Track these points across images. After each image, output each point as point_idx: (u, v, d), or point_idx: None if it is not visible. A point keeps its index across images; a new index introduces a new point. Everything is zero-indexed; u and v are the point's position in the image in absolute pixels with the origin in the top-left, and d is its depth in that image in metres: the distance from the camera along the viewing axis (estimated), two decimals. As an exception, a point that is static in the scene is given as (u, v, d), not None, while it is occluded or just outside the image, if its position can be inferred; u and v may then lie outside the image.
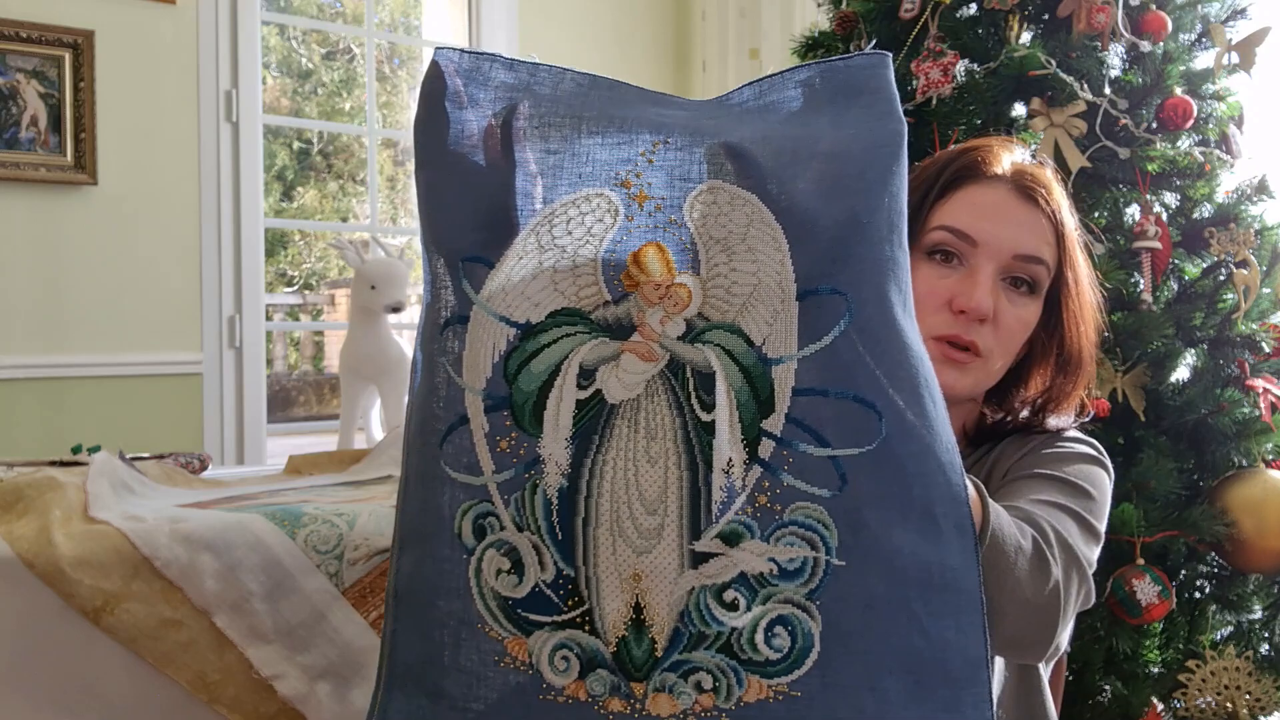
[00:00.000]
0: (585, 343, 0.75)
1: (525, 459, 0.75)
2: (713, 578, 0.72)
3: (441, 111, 0.80)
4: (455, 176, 0.80)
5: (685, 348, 0.74)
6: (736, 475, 0.72)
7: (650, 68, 4.25)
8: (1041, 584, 0.83)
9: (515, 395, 0.76)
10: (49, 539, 1.14)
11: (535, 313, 0.76)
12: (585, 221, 0.77)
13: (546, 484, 0.74)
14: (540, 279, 0.76)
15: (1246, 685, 1.64)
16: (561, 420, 0.74)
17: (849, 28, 1.94)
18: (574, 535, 0.73)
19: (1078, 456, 1.01)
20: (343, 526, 1.27)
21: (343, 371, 2.06)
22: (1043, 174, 1.05)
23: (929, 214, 1.02)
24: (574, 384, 0.75)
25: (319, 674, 1.22)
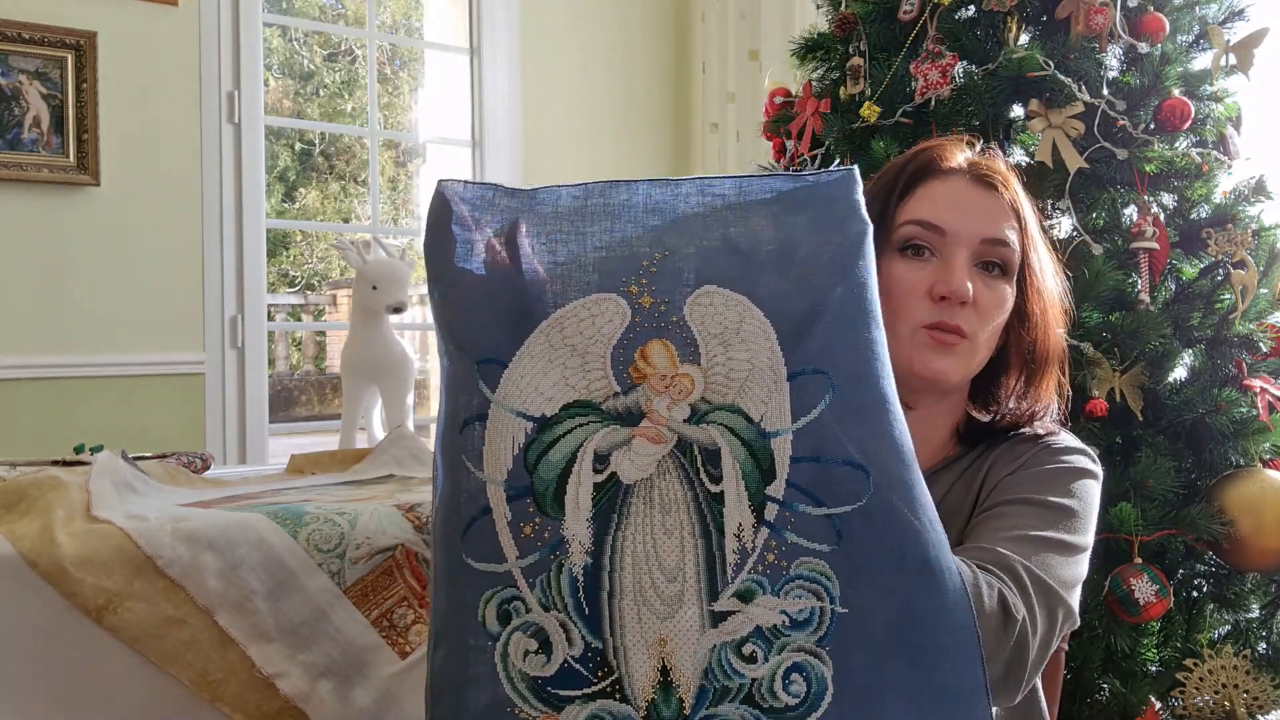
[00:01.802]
0: (598, 431, 0.83)
1: (550, 542, 0.81)
2: (732, 634, 0.79)
3: (449, 233, 0.88)
4: (466, 289, 0.88)
5: (691, 429, 0.83)
6: (746, 538, 0.80)
7: (650, 69, 4.25)
8: (1005, 638, 0.87)
9: (536, 483, 0.82)
10: (51, 538, 1.15)
11: (550, 406, 0.83)
12: (595, 323, 0.84)
13: (572, 563, 0.80)
14: (552, 375, 0.84)
15: (1244, 684, 1.65)
16: (581, 502, 0.81)
17: (848, 29, 1.95)
18: (600, 609, 0.80)
19: (1065, 473, 1.02)
20: (344, 525, 1.28)
21: (344, 371, 2.06)
22: (996, 164, 1.09)
23: (895, 213, 1.06)
24: (590, 469, 0.82)
25: (321, 672, 1.23)
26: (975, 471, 1.07)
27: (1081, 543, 0.98)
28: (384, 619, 1.27)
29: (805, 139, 2.01)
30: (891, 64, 1.86)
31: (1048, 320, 1.07)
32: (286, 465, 1.78)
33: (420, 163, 10.42)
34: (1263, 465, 1.70)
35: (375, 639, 1.25)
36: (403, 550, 1.29)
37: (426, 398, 5.30)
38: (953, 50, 1.80)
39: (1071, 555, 0.97)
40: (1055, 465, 1.03)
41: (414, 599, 1.29)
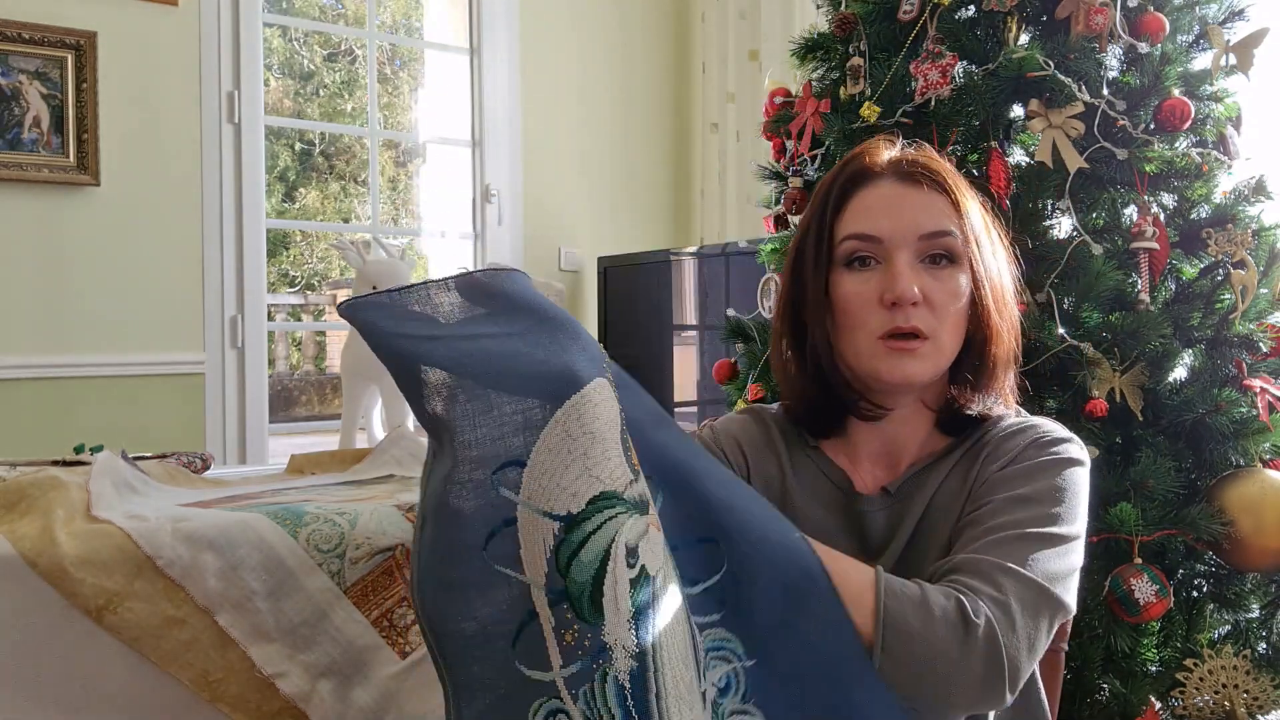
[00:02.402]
0: (625, 522, 0.79)
1: (591, 650, 0.77)
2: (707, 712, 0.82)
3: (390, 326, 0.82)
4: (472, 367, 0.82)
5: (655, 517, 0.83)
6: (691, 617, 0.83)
7: (650, 69, 4.25)
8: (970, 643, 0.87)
9: (570, 587, 0.78)
10: (52, 538, 1.15)
11: (574, 503, 0.78)
12: (608, 406, 0.82)
13: (617, 670, 0.77)
14: (574, 468, 0.79)
15: (1244, 684, 1.65)
16: (621, 605, 0.78)
17: (848, 29, 1.94)
18: (650, 712, 0.77)
19: (1052, 464, 1.02)
20: (344, 526, 1.28)
21: (344, 371, 2.06)
22: (922, 156, 1.09)
23: (833, 230, 1.07)
24: (625, 565, 0.78)
25: (321, 672, 1.23)
26: (968, 467, 1.07)
27: (1071, 532, 0.98)
28: (384, 619, 1.27)
29: (805, 139, 2.01)
30: (891, 64, 1.86)
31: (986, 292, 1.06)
32: (286, 465, 1.78)
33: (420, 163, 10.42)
34: (1263, 465, 1.70)
35: (375, 639, 1.25)
36: (403, 550, 1.29)
37: (426, 398, 5.31)
38: (953, 50, 1.80)
39: (1061, 546, 0.96)
40: (1044, 458, 1.03)
41: (414, 599, 1.29)
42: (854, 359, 1.06)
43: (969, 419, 1.09)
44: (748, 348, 2.14)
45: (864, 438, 1.11)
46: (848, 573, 0.90)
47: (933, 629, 0.87)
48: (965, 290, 1.04)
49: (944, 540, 1.03)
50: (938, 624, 0.87)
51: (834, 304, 1.06)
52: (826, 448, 1.14)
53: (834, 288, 1.06)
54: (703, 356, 3.53)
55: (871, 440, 1.11)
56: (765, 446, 1.15)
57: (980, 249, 1.06)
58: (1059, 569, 0.95)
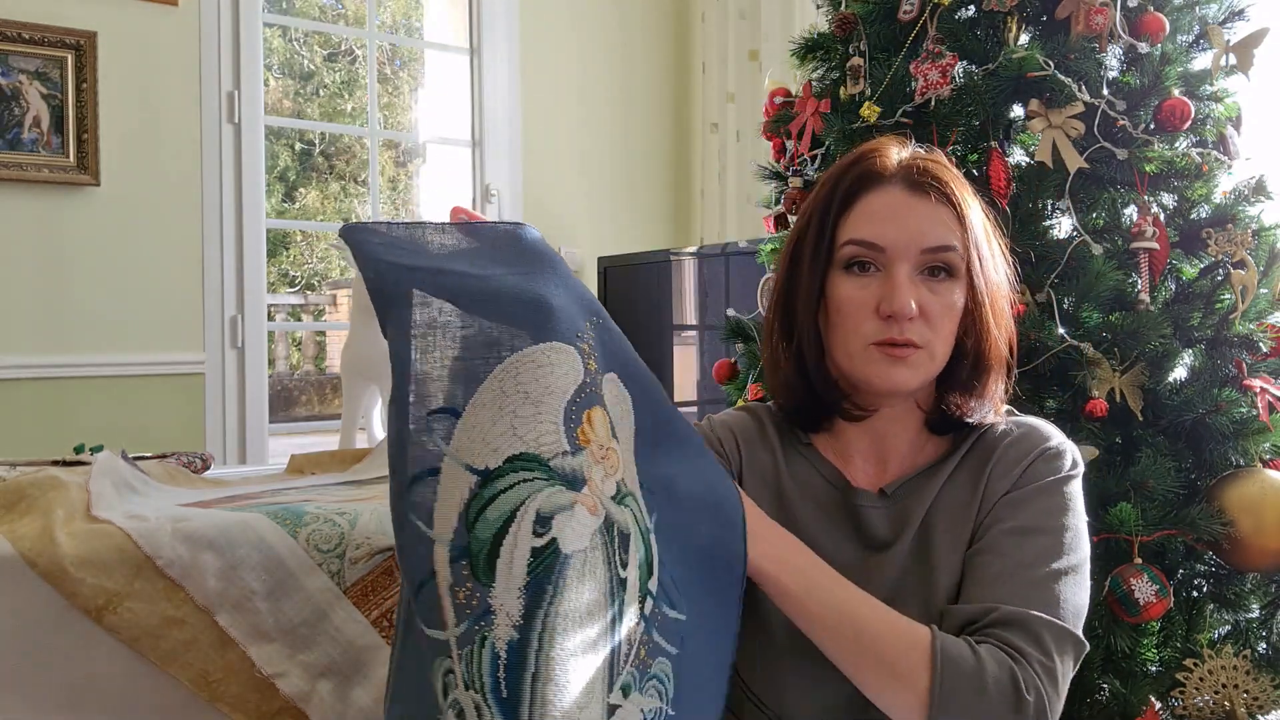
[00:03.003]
0: (543, 490, 0.76)
1: (477, 610, 0.74)
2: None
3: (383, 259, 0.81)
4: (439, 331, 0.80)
5: (616, 508, 0.79)
6: (632, 629, 0.77)
7: (650, 69, 4.25)
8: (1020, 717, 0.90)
9: (472, 544, 0.75)
10: (51, 538, 1.15)
11: (494, 458, 0.76)
12: (554, 372, 0.78)
13: (495, 636, 0.73)
14: (501, 424, 0.77)
15: (1244, 684, 1.64)
16: (515, 569, 0.74)
17: (848, 29, 1.94)
18: (520, 692, 0.72)
19: (1057, 484, 1.05)
20: (344, 525, 1.28)
21: (344, 371, 2.06)
22: (931, 163, 1.08)
23: (835, 231, 1.06)
24: (530, 531, 0.75)
25: (321, 672, 1.23)
26: (974, 475, 1.08)
27: (1083, 557, 1.02)
28: (384, 619, 1.27)
29: (805, 139, 2.00)
30: (891, 64, 1.85)
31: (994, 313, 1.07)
32: (286, 465, 1.78)
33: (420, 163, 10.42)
34: (1263, 465, 1.70)
35: (375, 639, 1.25)
36: (403, 550, 1.29)
37: (426, 398, 5.31)
38: (953, 50, 1.80)
39: (1079, 575, 1.00)
40: (1050, 478, 1.05)
41: (414, 599, 1.29)
42: (844, 361, 1.06)
43: (959, 424, 1.10)
44: (748, 348, 2.14)
45: (853, 435, 1.12)
46: (899, 629, 0.94)
47: (987, 704, 0.89)
48: (961, 303, 1.05)
49: (953, 545, 1.04)
50: (992, 699, 0.90)
51: (829, 304, 1.06)
52: (819, 444, 1.14)
53: (830, 288, 1.06)
54: (703, 356, 3.53)
55: (861, 438, 1.12)
56: (759, 440, 1.15)
57: (981, 262, 1.05)
58: (1082, 601, 0.99)
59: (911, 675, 0.91)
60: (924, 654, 0.92)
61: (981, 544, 1.02)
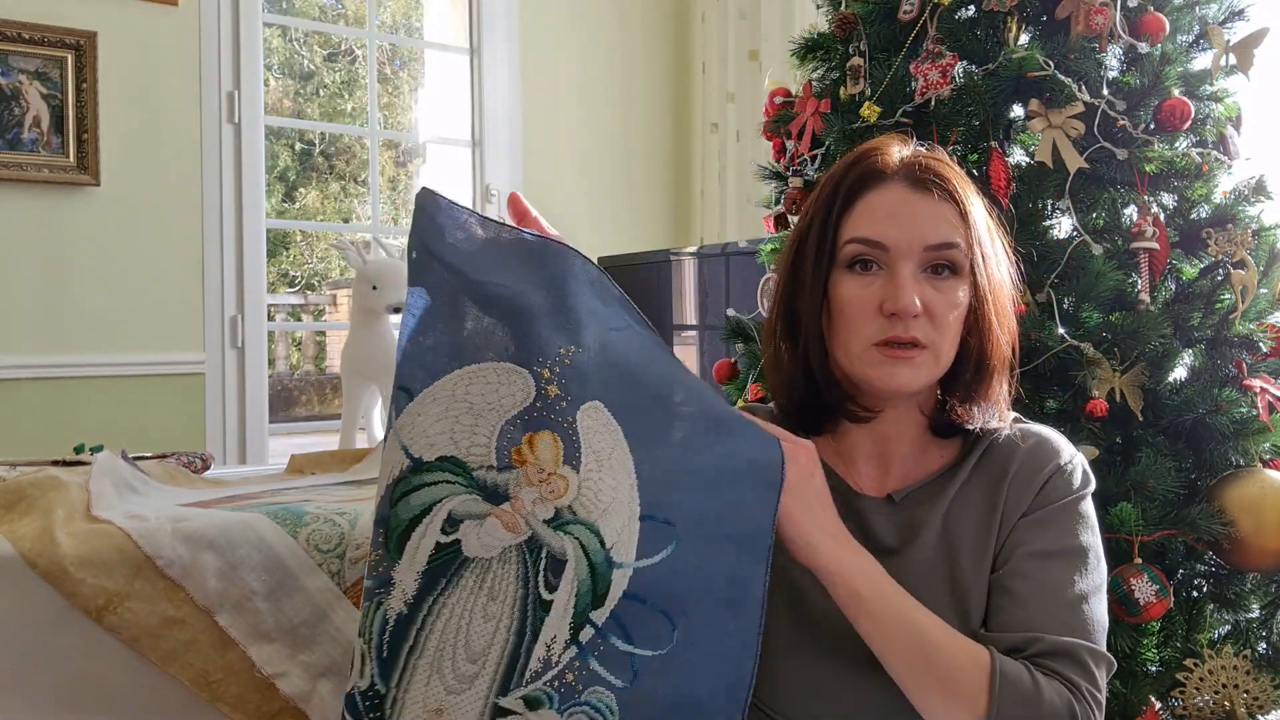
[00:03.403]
0: (459, 495, 0.85)
1: (381, 577, 0.85)
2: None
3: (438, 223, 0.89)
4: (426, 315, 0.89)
5: (549, 532, 0.85)
6: (555, 651, 0.83)
7: (650, 69, 4.25)
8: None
9: (391, 519, 0.85)
10: (52, 538, 1.15)
11: (428, 452, 0.85)
12: (499, 391, 0.86)
13: (389, 605, 0.84)
14: (442, 424, 0.85)
15: (1244, 684, 1.64)
16: (418, 555, 0.84)
17: (848, 29, 1.94)
18: (397, 658, 0.83)
19: (1075, 504, 1.06)
20: (344, 526, 1.28)
21: (344, 371, 2.06)
22: (933, 161, 1.07)
23: (838, 230, 1.05)
24: (439, 527, 0.84)
25: (321, 672, 1.23)
26: (992, 487, 1.07)
27: (1105, 574, 1.04)
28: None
29: (805, 139, 2.00)
30: (891, 64, 1.85)
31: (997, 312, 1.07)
32: (286, 465, 1.78)
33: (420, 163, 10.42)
34: (1263, 465, 1.70)
35: (375, 639, 1.25)
36: (403, 550, 1.29)
37: (426, 398, 5.31)
38: (953, 50, 1.80)
39: (1102, 594, 1.02)
40: (1069, 498, 1.06)
41: (414, 599, 1.29)
42: (847, 362, 1.05)
43: (965, 432, 1.09)
44: (748, 348, 2.14)
45: (856, 438, 1.11)
46: (961, 646, 0.94)
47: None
48: (965, 301, 1.04)
49: (977, 553, 1.04)
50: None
51: (832, 304, 1.05)
52: (820, 447, 1.13)
53: (833, 288, 1.05)
54: (703, 356, 3.53)
55: (863, 440, 1.11)
56: None
57: (985, 260, 1.05)
58: (1106, 619, 1.02)
59: (971, 692, 0.92)
60: (984, 673, 0.92)
61: (1007, 568, 1.03)
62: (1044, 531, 1.03)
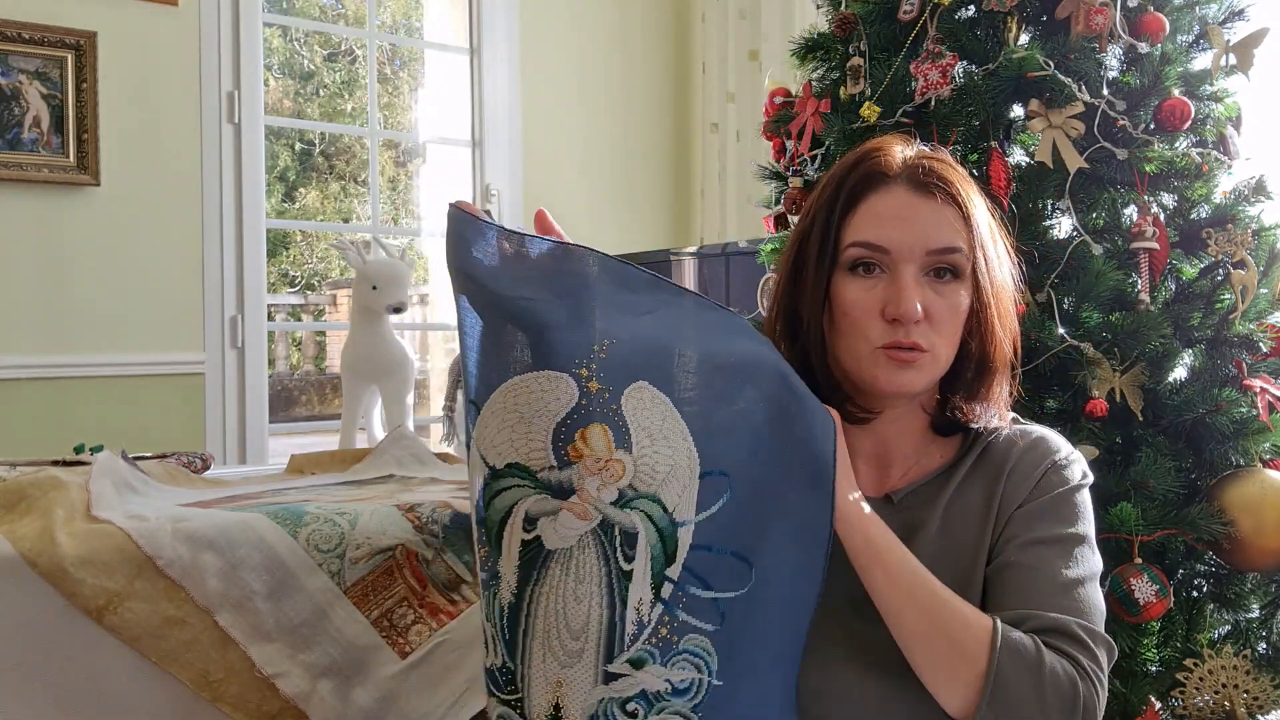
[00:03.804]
0: (530, 496, 0.92)
1: (490, 570, 0.95)
2: (620, 692, 0.90)
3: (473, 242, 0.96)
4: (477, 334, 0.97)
5: (617, 512, 0.91)
6: (644, 612, 0.90)
7: (650, 69, 4.25)
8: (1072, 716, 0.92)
9: (488, 520, 0.95)
10: (52, 538, 1.15)
11: (498, 460, 0.94)
12: (544, 398, 0.92)
13: (500, 595, 0.93)
14: (502, 434, 0.94)
15: (1244, 684, 1.65)
16: (511, 551, 0.93)
17: (848, 29, 1.94)
18: (516, 639, 0.93)
19: (1071, 493, 1.06)
20: (344, 525, 1.28)
21: (344, 371, 2.06)
22: (936, 162, 1.07)
23: (840, 232, 1.05)
24: (521, 526, 0.93)
25: (321, 672, 1.23)
26: (989, 483, 1.07)
27: (1099, 563, 1.04)
28: (384, 619, 1.27)
29: (805, 139, 2.00)
30: (891, 64, 1.85)
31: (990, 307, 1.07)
32: (286, 465, 1.78)
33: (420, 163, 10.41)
34: (1263, 465, 1.70)
35: (375, 639, 1.25)
36: (403, 550, 1.29)
37: (426, 398, 5.31)
38: (953, 50, 1.80)
39: (1097, 580, 1.03)
40: (1064, 488, 1.06)
41: (414, 599, 1.29)
42: (849, 364, 1.05)
43: (968, 430, 1.10)
44: (748, 348, 2.14)
45: (855, 439, 1.10)
46: (966, 608, 0.95)
47: (1041, 697, 0.91)
48: (966, 304, 1.04)
49: (973, 547, 1.04)
50: (1047, 694, 0.91)
51: (834, 306, 1.05)
52: None
53: (835, 290, 1.05)
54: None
55: (864, 441, 1.11)
56: None
57: (987, 263, 1.05)
58: (1103, 605, 1.02)
59: (975, 652, 0.92)
60: (987, 633, 0.93)
61: (1002, 558, 1.03)
62: (1039, 521, 1.04)
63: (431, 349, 4.72)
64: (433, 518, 1.35)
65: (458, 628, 1.29)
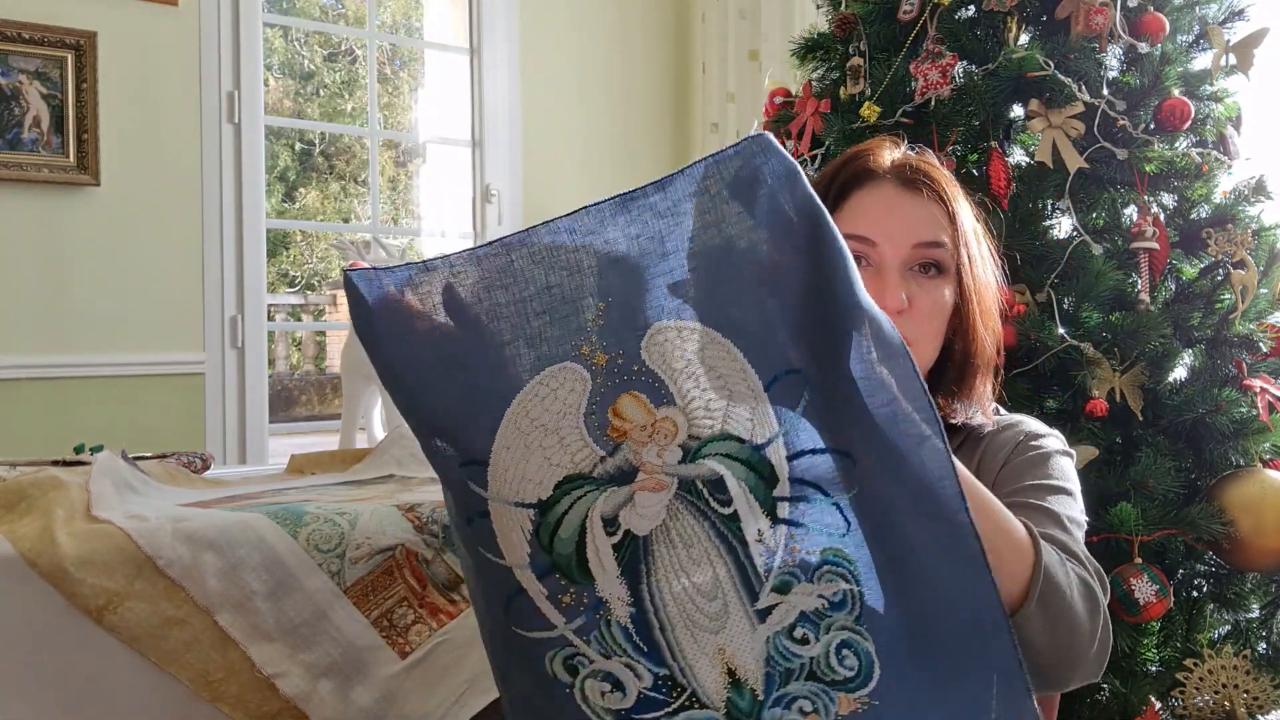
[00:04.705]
0: (597, 498, 0.85)
1: (590, 605, 0.86)
2: (780, 623, 0.84)
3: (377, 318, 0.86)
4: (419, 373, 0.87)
5: (688, 468, 0.85)
6: (768, 539, 0.84)
7: (650, 69, 4.25)
8: (1095, 619, 0.91)
9: (557, 560, 0.86)
10: (52, 538, 1.15)
11: (542, 490, 0.85)
12: (558, 396, 0.85)
13: (617, 617, 0.85)
14: (534, 460, 0.85)
15: (1244, 684, 1.65)
16: (606, 565, 0.85)
17: (848, 29, 1.95)
18: (657, 643, 0.85)
19: (1051, 455, 1.06)
20: (344, 525, 1.28)
21: (344, 371, 2.06)
22: (923, 162, 1.09)
23: None
24: (603, 533, 0.85)
25: (321, 672, 1.23)
26: (969, 462, 1.09)
27: (1083, 521, 1.03)
28: (384, 619, 1.27)
29: (805, 139, 2.01)
30: (891, 64, 1.86)
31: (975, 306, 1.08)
32: (286, 465, 1.78)
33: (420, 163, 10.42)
34: (1263, 465, 1.70)
35: (375, 639, 1.25)
36: (403, 550, 1.29)
37: (426, 398, 5.32)
38: (953, 50, 1.80)
39: (1081, 531, 1.02)
40: (1036, 453, 1.07)
41: (414, 599, 1.29)
42: None
43: (949, 425, 1.10)
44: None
45: None
46: (1011, 520, 0.92)
47: (1074, 595, 0.90)
48: (950, 301, 1.06)
49: None
50: (1077, 590, 0.91)
51: None
52: None
53: None
54: (703, 356, 3.53)
55: None
56: None
57: (971, 261, 1.07)
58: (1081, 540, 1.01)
59: (1024, 546, 0.91)
60: (1024, 530, 0.92)
61: None
62: (1017, 478, 1.04)
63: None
64: (433, 518, 1.35)
65: (457, 628, 1.29)
